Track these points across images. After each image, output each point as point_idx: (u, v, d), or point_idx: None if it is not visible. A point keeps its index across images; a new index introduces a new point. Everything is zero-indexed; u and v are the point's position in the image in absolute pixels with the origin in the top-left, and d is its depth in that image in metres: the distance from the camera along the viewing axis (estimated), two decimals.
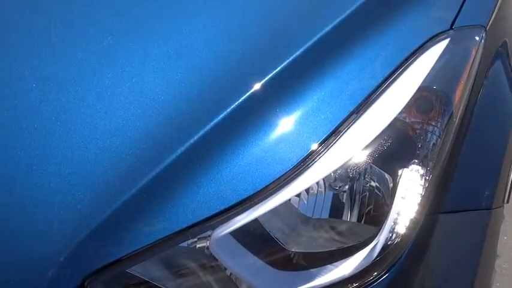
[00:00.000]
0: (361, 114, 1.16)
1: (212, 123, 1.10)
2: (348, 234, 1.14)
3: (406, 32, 1.30)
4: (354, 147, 1.13)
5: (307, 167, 1.10)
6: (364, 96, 1.17)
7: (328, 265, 1.11)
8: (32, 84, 1.16)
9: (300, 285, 1.09)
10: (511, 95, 1.44)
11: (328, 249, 1.12)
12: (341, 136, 1.13)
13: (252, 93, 1.14)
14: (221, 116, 1.11)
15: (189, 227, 1.05)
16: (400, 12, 1.32)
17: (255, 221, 1.08)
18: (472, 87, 1.28)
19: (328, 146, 1.12)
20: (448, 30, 1.32)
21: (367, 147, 1.14)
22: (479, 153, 1.29)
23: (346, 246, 1.13)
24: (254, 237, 1.09)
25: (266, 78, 1.16)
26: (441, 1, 1.41)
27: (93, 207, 1.03)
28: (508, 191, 1.40)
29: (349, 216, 1.14)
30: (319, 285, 1.09)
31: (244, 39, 1.22)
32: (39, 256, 1.01)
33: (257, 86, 1.15)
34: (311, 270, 1.10)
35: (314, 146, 1.11)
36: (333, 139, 1.12)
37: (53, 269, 1.00)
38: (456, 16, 1.36)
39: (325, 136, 1.12)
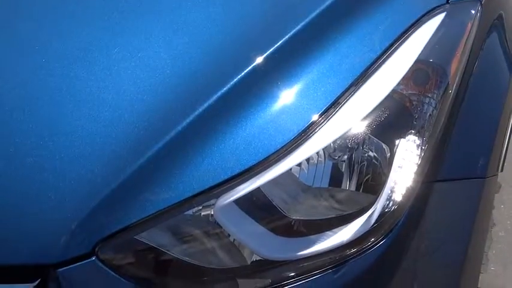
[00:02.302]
0: (360, 86, 1.19)
1: (216, 96, 1.14)
2: (347, 203, 1.18)
3: (403, 6, 1.33)
4: (352, 118, 1.17)
5: (308, 137, 1.14)
6: (363, 69, 1.21)
7: (327, 232, 1.15)
8: (42, 60, 1.20)
9: (300, 251, 1.13)
10: (505, 66, 1.48)
11: (327, 217, 1.17)
12: (340, 107, 1.17)
13: (254, 66, 1.18)
14: (224, 88, 1.15)
15: (194, 196, 1.09)
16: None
17: (258, 189, 1.12)
18: (468, 59, 1.31)
19: (328, 117, 1.16)
20: (445, 4, 1.36)
21: (365, 118, 1.18)
22: (474, 123, 1.33)
23: (344, 213, 1.17)
24: (257, 206, 1.13)
25: (268, 52, 1.20)
26: None
27: (103, 177, 1.07)
28: (502, 160, 1.44)
29: (348, 185, 1.19)
30: (319, 250, 1.13)
31: (245, 14, 1.26)
32: (52, 224, 1.05)
33: (259, 60, 1.19)
34: (311, 236, 1.15)
35: (314, 117, 1.15)
36: (332, 110, 1.16)
37: (66, 235, 1.04)
38: None
39: (325, 108, 1.16)
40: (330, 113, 1.16)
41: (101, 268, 1.06)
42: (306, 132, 1.14)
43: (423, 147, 1.20)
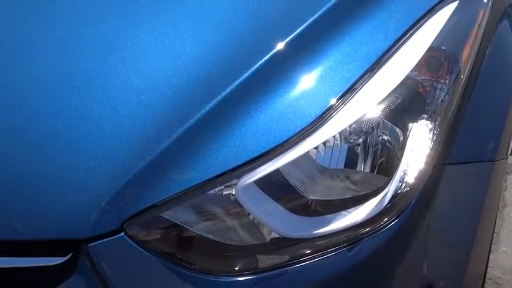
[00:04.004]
0: (375, 72, 1.25)
1: (237, 81, 1.20)
2: (361, 184, 1.24)
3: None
4: (368, 103, 1.23)
5: (325, 121, 1.19)
6: (378, 56, 1.26)
7: (343, 211, 1.21)
8: (73, 46, 1.26)
9: (317, 230, 1.19)
10: None
11: (342, 197, 1.22)
12: (356, 93, 1.22)
13: (274, 53, 1.23)
14: (246, 74, 1.21)
15: (216, 176, 1.15)
16: None
17: (277, 171, 1.18)
18: (479, 46, 1.36)
19: (344, 102, 1.21)
20: None
21: (380, 103, 1.23)
22: (485, 108, 1.38)
23: (359, 194, 1.23)
24: (276, 186, 1.19)
25: (287, 40, 1.26)
26: None
27: (131, 158, 1.13)
28: (511, 144, 1.49)
29: (363, 167, 1.24)
30: (334, 229, 1.19)
31: (266, 5, 1.32)
32: (83, 201, 1.11)
33: (279, 47, 1.24)
34: (327, 216, 1.20)
35: (332, 102, 1.21)
36: (348, 95, 1.22)
37: (96, 212, 1.11)
38: None
39: (341, 93, 1.22)
40: (346, 98, 1.21)
41: (129, 243, 1.12)
42: (323, 117, 1.19)
43: (435, 132, 1.26)
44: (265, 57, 1.23)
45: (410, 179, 1.22)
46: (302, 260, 1.18)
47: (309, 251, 1.19)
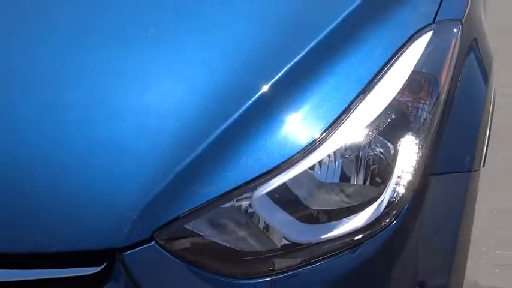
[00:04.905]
0: (367, 94, 1.40)
1: (246, 106, 1.33)
2: (355, 196, 1.38)
3: (398, 26, 1.56)
4: (361, 122, 1.38)
5: (325, 140, 1.34)
6: (369, 79, 1.42)
7: (344, 218, 1.35)
8: (98, 75, 1.39)
9: (322, 235, 1.33)
10: (482, 83, 1.71)
11: (341, 207, 1.37)
12: (351, 113, 1.38)
13: (278, 79, 1.38)
14: (254, 98, 1.35)
15: (233, 189, 1.28)
16: (391, 10, 1.57)
17: (284, 184, 1.32)
18: (454, 71, 1.54)
19: (341, 122, 1.36)
20: (431, 23, 1.58)
21: (372, 122, 1.38)
22: (461, 125, 1.55)
23: (354, 204, 1.37)
24: (283, 197, 1.32)
25: (285, 68, 1.40)
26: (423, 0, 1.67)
27: (157, 174, 1.25)
28: (484, 157, 1.66)
29: (356, 180, 1.39)
30: (337, 234, 1.33)
31: (268, 32, 1.47)
32: (116, 214, 1.22)
33: (280, 74, 1.39)
34: (330, 223, 1.34)
35: (330, 122, 1.35)
36: (344, 116, 1.37)
37: (128, 224, 1.22)
38: (437, 11, 1.62)
39: (339, 114, 1.37)
40: (343, 118, 1.36)
41: (160, 251, 1.24)
42: (323, 135, 1.34)
43: (420, 146, 1.41)
44: (270, 82, 1.37)
45: (402, 188, 1.37)
46: (311, 263, 1.32)
47: (316, 254, 1.32)
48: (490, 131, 1.73)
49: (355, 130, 1.37)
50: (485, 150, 1.67)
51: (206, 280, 1.26)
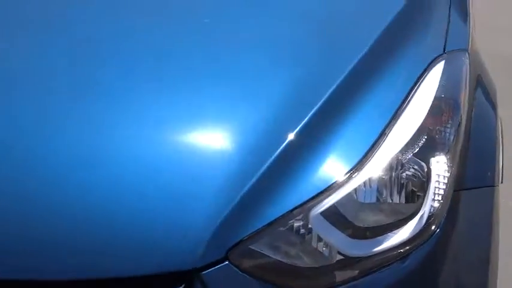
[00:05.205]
0: (397, 120, 1.54)
1: (300, 130, 1.47)
2: (396, 212, 1.50)
3: (414, 58, 1.71)
4: (395, 145, 1.51)
5: (365, 163, 1.47)
6: (396, 108, 1.56)
7: (389, 233, 1.47)
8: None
9: (372, 249, 1.45)
10: (491, 110, 1.88)
11: (387, 223, 1.48)
12: (385, 138, 1.51)
13: (316, 112, 1.51)
14: (300, 126, 1.47)
15: (292, 210, 1.39)
16: (406, 44, 1.73)
17: (333, 205, 1.43)
18: (469, 96, 1.69)
19: (378, 147, 1.49)
20: (442, 54, 1.74)
21: (405, 145, 1.52)
22: (480, 145, 1.70)
23: (398, 219, 1.49)
24: (335, 217, 1.44)
25: (323, 99, 1.54)
26: (433, 34, 1.83)
27: (224, 197, 1.36)
28: (501, 173, 1.81)
29: (396, 198, 1.51)
30: (387, 247, 1.45)
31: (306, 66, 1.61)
32: (191, 237, 1.32)
33: (321, 105, 1.52)
34: (378, 238, 1.46)
35: (368, 146, 1.49)
36: (380, 141, 1.50)
37: (203, 246, 1.32)
38: (445, 43, 1.78)
39: (374, 139, 1.50)
40: (379, 143, 1.50)
41: (233, 269, 1.34)
42: (364, 159, 1.47)
43: (450, 164, 1.55)
44: (311, 113, 1.50)
45: (437, 203, 1.50)
46: (364, 275, 1.43)
47: (368, 267, 1.44)
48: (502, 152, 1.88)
49: (390, 153, 1.50)
50: (501, 167, 1.81)
51: None
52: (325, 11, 1.82)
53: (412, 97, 1.59)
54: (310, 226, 1.41)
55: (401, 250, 1.46)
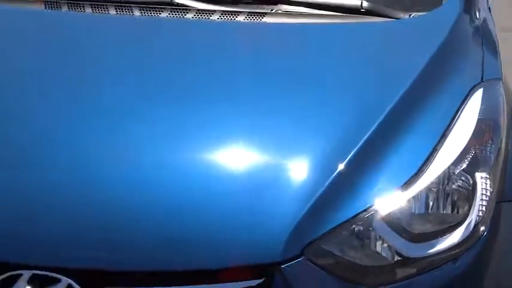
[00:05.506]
0: (445, 139, 1.74)
1: (356, 149, 1.66)
2: (445, 220, 1.69)
3: (456, 86, 1.92)
4: (445, 162, 1.71)
5: (418, 177, 1.67)
6: (444, 129, 1.77)
7: (441, 238, 1.66)
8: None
9: (427, 251, 1.64)
10: None
11: (438, 229, 1.67)
12: (436, 155, 1.71)
13: (379, 127, 1.71)
14: (360, 144, 1.67)
15: (356, 215, 1.59)
16: (449, 74, 1.94)
17: (392, 212, 1.62)
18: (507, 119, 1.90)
19: (429, 163, 1.69)
20: (480, 82, 1.95)
21: (454, 161, 1.72)
22: None
23: (447, 226, 1.69)
24: (394, 222, 1.63)
25: (381, 119, 1.74)
26: (471, 64, 2.04)
27: (300, 201, 1.55)
28: None
29: (445, 207, 1.70)
30: (440, 250, 1.64)
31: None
32: (273, 236, 1.51)
33: (378, 127, 1.73)
34: (432, 241, 1.65)
35: (422, 161, 1.69)
36: (431, 158, 1.70)
37: (283, 243, 1.51)
38: (482, 73, 2.00)
39: (426, 156, 1.70)
40: (430, 159, 1.69)
41: (308, 264, 1.53)
42: (418, 173, 1.67)
43: (492, 178, 1.75)
44: (375, 127, 1.70)
45: (482, 212, 1.69)
46: (420, 274, 1.62)
47: (424, 266, 1.63)
48: None
49: (440, 169, 1.70)
50: None
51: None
52: (374, 46, 2.05)
53: (457, 120, 1.80)
54: (372, 230, 1.59)
55: (452, 252, 1.65)
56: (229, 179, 1.60)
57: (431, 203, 1.68)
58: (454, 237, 1.66)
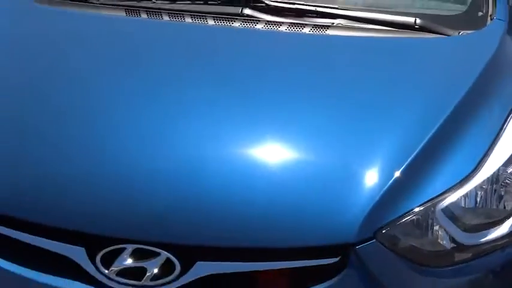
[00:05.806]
0: (496, 143, 1.97)
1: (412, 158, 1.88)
2: (495, 214, 1.91)
3: (506, 95, 2.15)
4: (496, 163, 1.93)
5: (472, 176, 1.89)
6: (495, 135, 1.99)
7: (491, 229, 1.89)
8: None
9: (480, 239, 1.86)
10: None
11: (489, 221, 1.90)
12: (488, 158, 1.93)
13: (438, 131, 1.94)
14: (417, 151, 1.89)
15: (419, 205, 1.81)
16: (498, 84, 2.18)
17: (449, 205, 1.84)
18: None
19: (483, 164, 1.91)
20: None
21: (504, 163, 1.94)
22: None
23: (497, 219, 1.91)
24: (450, 214, 1.84)
25: (436, 127, 1.96)
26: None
27: (371, 191, 1.78)
28: None
29: (494, 203, 1.92)
30: (491, 239, 1.86)
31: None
32: (349, 219, 1.74)
33: (435, 132, 1.95)
34: (483, 231, 1.87)
35: (476, 162, 1.91)
36: (484, 160, 1.92)
37: (357, 225, 1.72)
38: None
39: (479, 159, 1.92)
40: (483, 161, 1.92)
41: (380, 247, 1.75)
42: (474, 172, 1.89)
43: None
44: (429, 135, 1.92)
45: None
46: (474, 259, 1.85)
47: (478, 253, 1.85)
48: None
49: (492, 168, 1.92)
50: None
51: (412, 268, 1.80)
52: (429, 59, 2.29)
53: (506, 126, 2.03)
54: (432, 220, 1.81)
55: (502, 242, 1.87)
56: (317, 174, 1.83)
57: (482, 199, 1.90)
58: (503, 229, 1.88)
